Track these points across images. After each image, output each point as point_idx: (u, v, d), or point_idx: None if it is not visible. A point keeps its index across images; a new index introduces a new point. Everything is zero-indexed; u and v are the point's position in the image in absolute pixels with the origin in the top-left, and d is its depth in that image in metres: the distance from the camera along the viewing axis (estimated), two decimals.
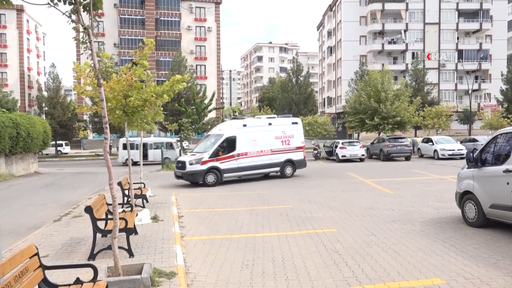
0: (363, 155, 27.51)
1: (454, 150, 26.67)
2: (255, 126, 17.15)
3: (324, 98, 74.75)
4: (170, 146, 30.34)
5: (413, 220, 8.72)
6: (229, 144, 16.43)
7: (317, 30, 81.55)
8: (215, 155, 16.09)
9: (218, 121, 44.25)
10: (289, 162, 18.01)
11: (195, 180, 16.05)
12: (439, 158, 26.60)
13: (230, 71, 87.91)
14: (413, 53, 58.76)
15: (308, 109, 50.12)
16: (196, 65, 60.17)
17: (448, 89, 60.88)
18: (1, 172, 20.91)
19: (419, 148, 30.01)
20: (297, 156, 18.22)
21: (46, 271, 3.70)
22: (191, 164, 15.94)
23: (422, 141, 30.10)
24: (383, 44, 60.16)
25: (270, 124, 17.61)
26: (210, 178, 15.93)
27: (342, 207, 10.52)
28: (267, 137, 17.22)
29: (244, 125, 16.84)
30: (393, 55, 61.40)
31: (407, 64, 57.86)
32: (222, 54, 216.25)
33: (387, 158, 26.99)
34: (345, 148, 27.44)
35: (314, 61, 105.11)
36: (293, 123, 18.36)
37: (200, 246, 7.15)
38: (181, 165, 16.34)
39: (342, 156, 27.16)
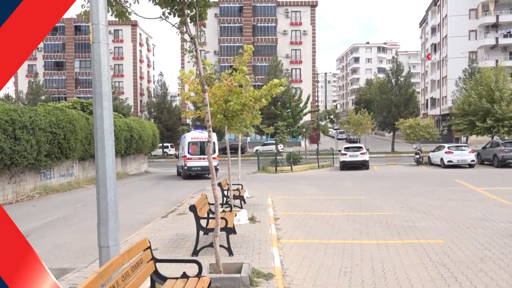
0: (472, 160, 25.03)
1: None
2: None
3: (427, 99, 69.76)
4: None
5: None
6: None
7: (420, 27, 76.57)
8: None
9: (313, 124, 43.95)
10: None
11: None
12: None
13: (325, 73, 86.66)
14: None
15: (409, 111, 47.10)
16: (292, 69, 60.62)
17: None
18: (118, 171, 23.36)
19: None
20: None
21: (157, 264, 4.00)
22: None
23: None
24: (497, 38, 54.13)
25: None
26: None
27: (449, 217, 9.68)
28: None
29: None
30: (509, 49, 54.93)
31: None
32: (317, 56, 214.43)
33: (502, 165, 24.15)
34: (452, 152, 25.25)
35: (416, 60, 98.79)
36: None
37: (296, 249, 7.15)
38: None
39: (448, 161, 25.02)
